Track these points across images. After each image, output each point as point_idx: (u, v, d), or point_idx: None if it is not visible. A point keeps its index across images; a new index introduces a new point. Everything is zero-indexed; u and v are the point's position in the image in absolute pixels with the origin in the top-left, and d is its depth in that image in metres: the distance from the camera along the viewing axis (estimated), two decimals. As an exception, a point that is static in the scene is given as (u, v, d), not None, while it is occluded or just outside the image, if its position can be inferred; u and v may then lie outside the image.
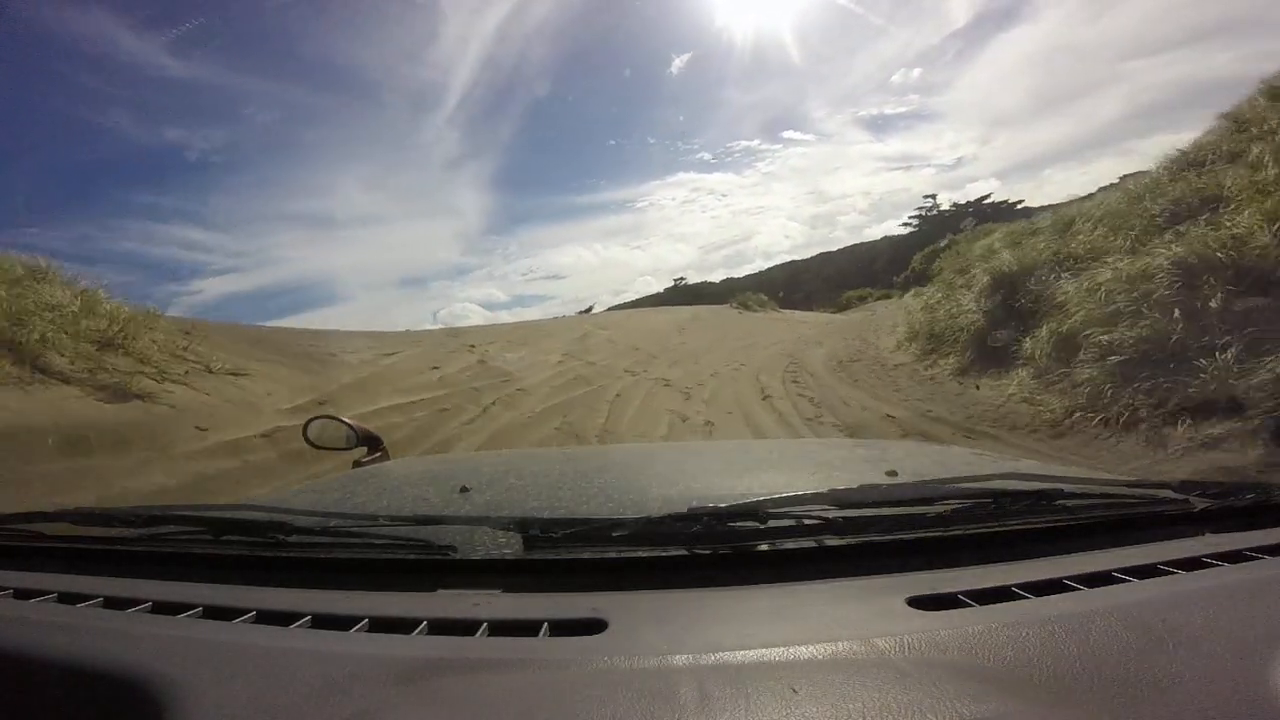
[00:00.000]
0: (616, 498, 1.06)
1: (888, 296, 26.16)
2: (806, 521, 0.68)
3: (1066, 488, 0.79)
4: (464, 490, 1.00)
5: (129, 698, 0.46)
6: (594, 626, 0.53)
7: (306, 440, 1.63)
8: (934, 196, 41.21)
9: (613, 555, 0.65)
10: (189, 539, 0.74)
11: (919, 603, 0.55)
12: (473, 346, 10.63)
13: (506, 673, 0.47)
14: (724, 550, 0.65)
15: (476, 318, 42.72)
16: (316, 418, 1.67)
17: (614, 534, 0.66)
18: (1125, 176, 8.55)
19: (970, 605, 0.55)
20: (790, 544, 0.66)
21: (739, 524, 0.67)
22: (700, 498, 0.73)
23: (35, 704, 0.49)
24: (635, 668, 0.46)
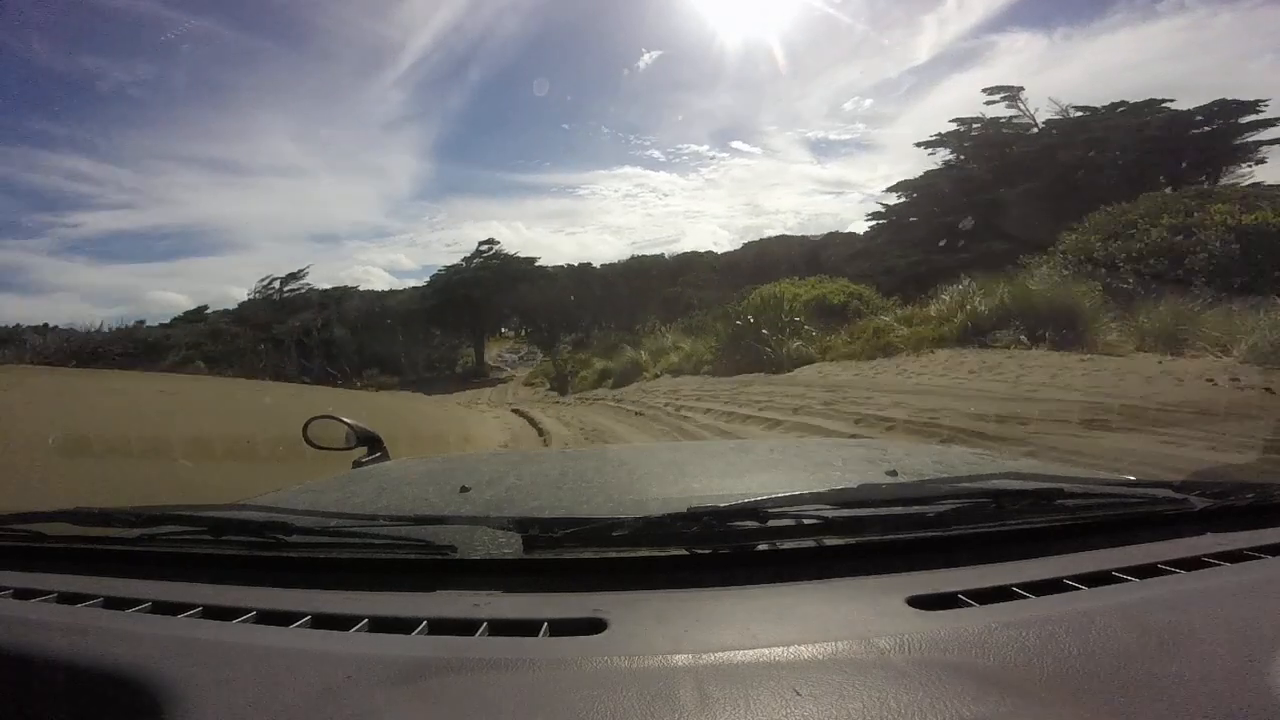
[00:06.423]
0: (616, 498, 1.06)
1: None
2: (806, 521, 0.68)
3: (1066, 487, 0.79)
4: (464, 490, 1.00)
5: (129, 697, 0.46)
6: (594, 626, 0.53)
7: (306, 440, 1.62)
8: (1019, 90, 20.68)
9: (613, 555, 0.65)
10: (189, 539, 0.74)
11: (919, 603, 0.55)
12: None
13: (506, 673, 0.47)
14: (724, 550, 0.65)
15: (378, 282, 41.16)
16: (316, 417, 1.66)
17: (614, 534, 0.66)
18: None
19: (970, 605, 0.55)
20: (790, 544, 0.66)
21: (739, 524, 0.67)
22: (700, 498, 0.73)
23: (36, 704, 0.49)
24: (635, 668, 0.46)
